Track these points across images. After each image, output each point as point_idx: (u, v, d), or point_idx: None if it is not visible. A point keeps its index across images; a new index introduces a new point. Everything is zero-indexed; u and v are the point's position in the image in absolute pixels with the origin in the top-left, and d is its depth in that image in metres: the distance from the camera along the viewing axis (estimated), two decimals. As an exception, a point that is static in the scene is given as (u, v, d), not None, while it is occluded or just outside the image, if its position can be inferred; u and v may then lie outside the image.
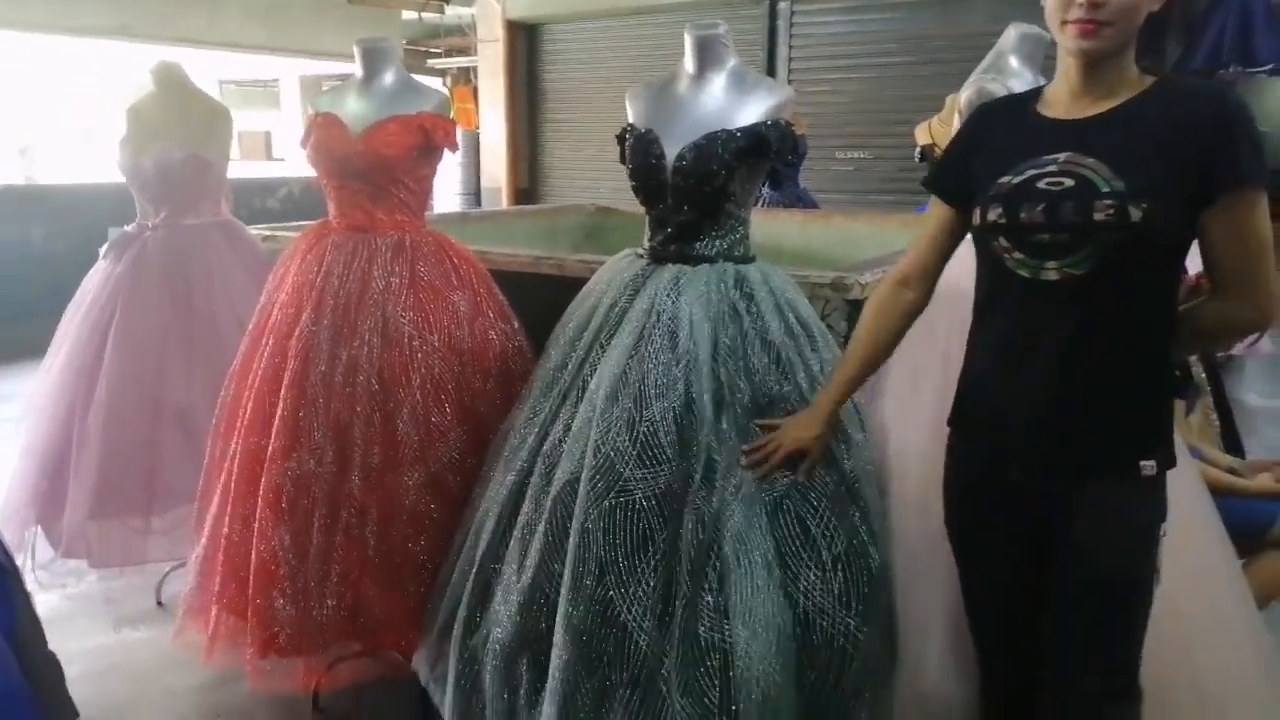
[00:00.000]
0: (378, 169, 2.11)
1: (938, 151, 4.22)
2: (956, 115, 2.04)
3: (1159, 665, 1.49)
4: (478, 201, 8.05)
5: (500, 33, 6.75)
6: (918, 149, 4.46)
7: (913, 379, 2.00)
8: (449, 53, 10.05)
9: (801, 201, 4.52)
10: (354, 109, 2.16)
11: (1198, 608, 1.69)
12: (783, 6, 5.66)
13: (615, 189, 5.32)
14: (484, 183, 7.57)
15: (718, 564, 1.57)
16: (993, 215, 1.34)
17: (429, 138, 2.15)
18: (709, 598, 1.56)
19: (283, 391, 2.04)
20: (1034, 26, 1.84)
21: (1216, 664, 1.69)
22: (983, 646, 1.60)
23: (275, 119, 12.26)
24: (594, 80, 6.69)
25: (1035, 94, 1.43)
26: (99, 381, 2.64)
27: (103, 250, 2.70)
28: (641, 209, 1.92)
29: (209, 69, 9.55)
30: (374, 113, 2.13)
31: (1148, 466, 1.34)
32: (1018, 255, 1.33)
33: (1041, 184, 1.30)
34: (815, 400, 1.64)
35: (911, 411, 1.90)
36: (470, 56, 8.77)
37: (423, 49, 10.12)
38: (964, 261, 1.88)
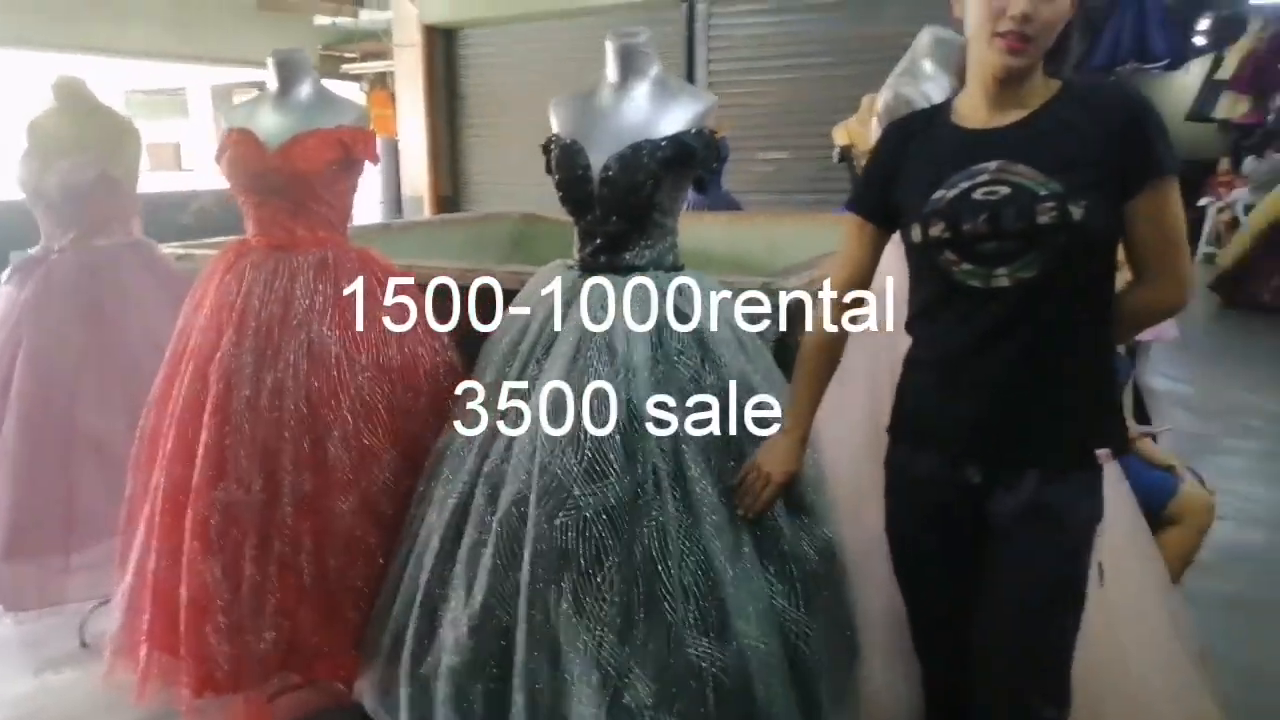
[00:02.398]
0: (296, 184, 2.05)
1: (855, 151, 4.30)
2: (875, 118, 2.07)
3: (1091, 659, 1.54)
4: (399, 210, 7.92)
5: (417, 37, 6.65)
6: (837, 149, 4.54)
7: (840, 390, 2.03)
8: (364, 57, 9.87)
9: (726, 204, 4.55)
10: (269, 123, 2.09)
11: (1124, 596, 1.75)
12: (701, 9, 5.70)
13: (539, 195, 5.27)
14: (405, 191, 7.45)
15: (694, 574, 1.58)
16: (935, 230, 1.36)
17: (349, 151, 2.10)
18: (689, 610, 1.56)
19: (205, 419, 1.97)
20: (948, 30, 1.88)
21: (1147, 656, 1.75)
22: (923, 646, 1.63)
23: (184, 128, 11.89)
24: (514, 85, 6.64)
25: (944, 107, 1.47)
26: (8, 412, 2.52)
27: (3, 275, 2.58)
28: (565, 216, 1.92)
29: (113, 78, 9.23)
30: (291, 127, 2.07)
31: (1103, 454, 1.38)
32: (966, 266, 1.36)
33: (977, 194, 1.33)
34: (785, 432, 1.65)
35: (840, 423, 1.92)
36: (386, 61, 8.62)
37: (337, 54, 9.92)
38: (886, 272, 1.93)
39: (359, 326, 2.04)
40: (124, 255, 2.61)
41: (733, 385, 1.71)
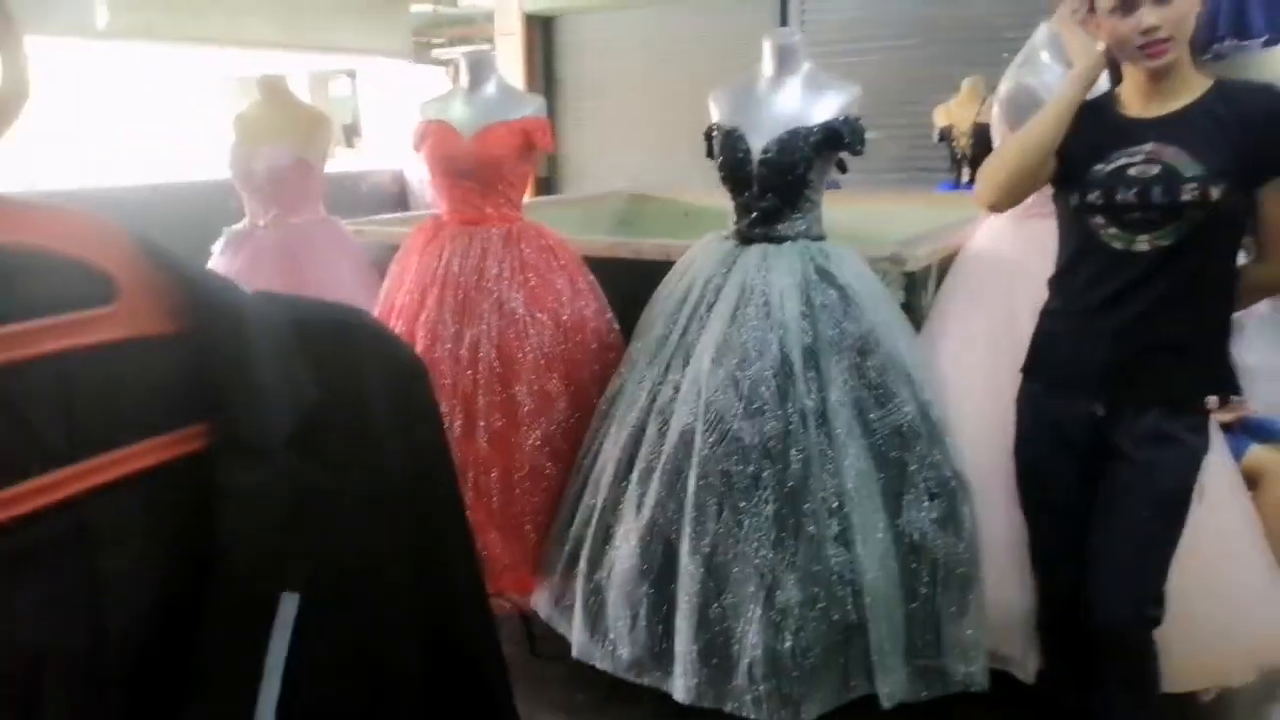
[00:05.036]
0: (487, 168, 2.40)
1: (955, 132, 4.52)
2: (996, 105, 2.33)
3: (1188, 567, 1.80)
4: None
5: (517, 26, 6.99)
6: (937, 130, 4.75)
7: (961, 338, 2.30)
8: (452, 43, 10.26)
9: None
10: (462, 115, 2.44)
11: (1218, 529, 2.00)
12: (794, -7, 5.93)
13: (633, 176, 5.58)
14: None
15: (837, 497, 1.88)
16: (1091, 197, 1.64)
17: (529, 139, 2.44)
18: (832, 526, 1.87)
19: (413, 367, 2.34)
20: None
21: (1234, 566, 2.01)
22: (1042, 558, 1.92)
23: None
24: (609, 70, 6.94)
25: (1109, 97, 1.72)
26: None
27: (217, 247, 2.98)
28: (670, 194, 2.21)
29: (216, 66, 9.72)
30: (481, 118, 2.42)
31: (1212, 402, 1.65)
32: (1112, 230, 1.63)
33: (1132, 170, 1.60)
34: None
35: (966, 364, 2.20)
36: (474, 46, 9.00)
37: (426, 40, 10.32)
38: (999, 241, 2.20)
39: (539, 290, 2.38)
40: (316, 231, 3.00)
41: (870, 334, 2.01)
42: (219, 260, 2.96)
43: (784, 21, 5.95)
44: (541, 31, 7.14)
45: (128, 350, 0.42)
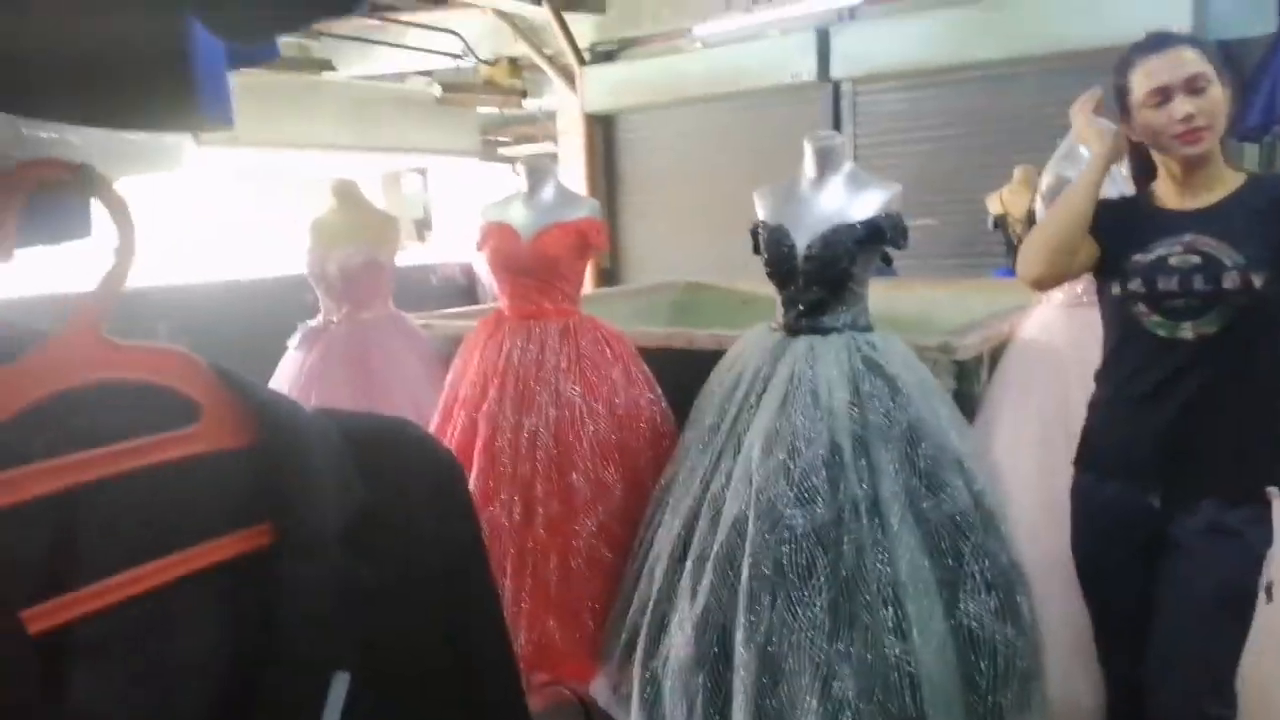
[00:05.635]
0: (545, 267, 2.52)
1: (1010, 219, 4.56)
2: (1039, 196, 2.38)
3: (1258, 667, 1.75)
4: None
5: (579, 125, 7.29)
6: (990, 217, 4.79)
7: (1015, 427, 2.31)
8: (517, 141, 10.71)
9: (879, 270, 4.85)
10: (521, 217, 2.58)
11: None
12: (846, 87, 6.09)
13: (692, 267, 5.71)
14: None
15: (891, 588, 1.88)
16: (1132, 285, 1.66)
17: (585, 239, 2.56)
18: (887, 617, 1.87)
19: (475, 456, 2.43)
20: (1103, 120, 2.19)
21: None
22: (1107, 652, 1.88)
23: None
24: (668, 164, 7.17)
25: (1145, 193, 1.76)
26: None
27: (293, 341, 3.15)
28: (729, 284, 2.28)
29: (289, 169, 10.29)
30: (539, 219, 2.55)
31: (1273, 491, 1.63)
32: (1155, 318, 1.65)
33: (1173, 260, 1.62)
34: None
35: (1020, 454, 2.21)
36: (539, 144, 9.37)
37: (493, 139, 10.81)
38: (1050, 330, 2.22)
39: (595, 381, 2.47)
40: (385, 325, 3.15)
41: (919, 422, 2.03)
42: (294, 354, 3.13)
43: (836, 115, 6.11)
44: (602, 129, 7.42)
45: (208, 462, 0.50)
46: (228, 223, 10.17)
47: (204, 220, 9.81)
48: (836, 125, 6.15)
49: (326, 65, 7.91)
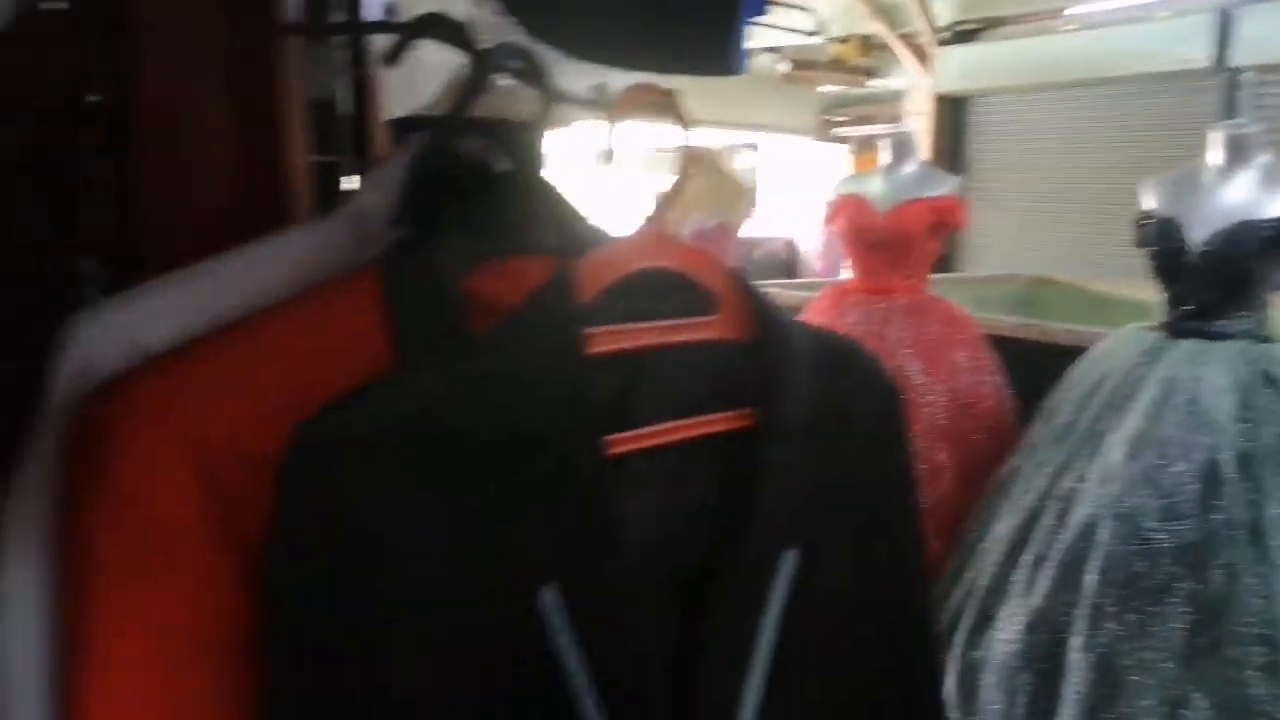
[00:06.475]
0: (898, 241, 2.51)
1: None
2: None
3: None
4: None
5: (928, 106, 7.06)
6: None
7: None
8: (855, 121, 10.56)
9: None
10: (879, 190, 2.58)
11: None
12: (1247, 77, 5.37)
13: (1036, 261, 5.36)
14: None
15: (1267, 624, 1.71)
16: None
17: (942, 216, 2.51)
18: (1257, 655, 1.71)
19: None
20: None
21: None
22: None
23: (692, 183, 13.50)
24: (1021, 151, 6.75)
25: None
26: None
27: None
28: (1082, 283, 2.11)
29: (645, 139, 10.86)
30: (898, 194, 2.54)
31: None
32: None
33: None
34: None
35: None
36: (876, 125, 9.19)
37: (829, 118, 10.74)
38: None
39: (936, 362, 2.43)
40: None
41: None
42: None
43: (1230, 107, 5.41)
44: (952, 112, 7.13)
45: (719, 348, 0.59)
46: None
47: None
48: (1229, 118, 5.46)
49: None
